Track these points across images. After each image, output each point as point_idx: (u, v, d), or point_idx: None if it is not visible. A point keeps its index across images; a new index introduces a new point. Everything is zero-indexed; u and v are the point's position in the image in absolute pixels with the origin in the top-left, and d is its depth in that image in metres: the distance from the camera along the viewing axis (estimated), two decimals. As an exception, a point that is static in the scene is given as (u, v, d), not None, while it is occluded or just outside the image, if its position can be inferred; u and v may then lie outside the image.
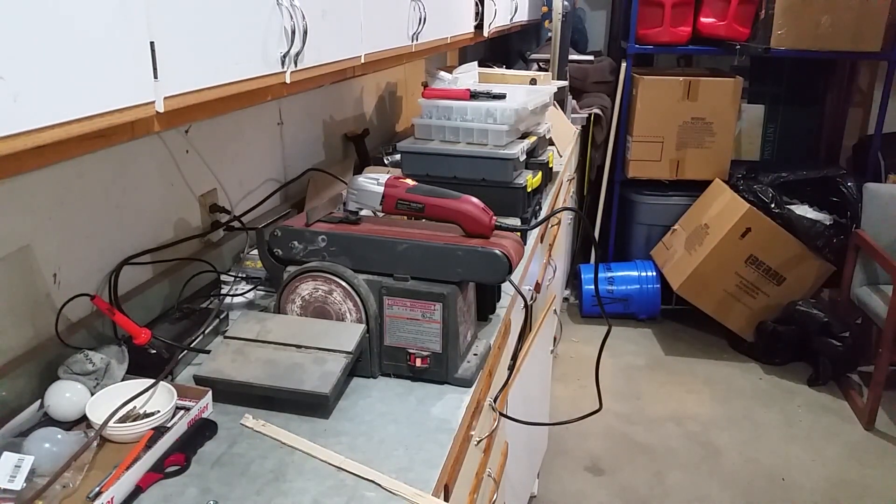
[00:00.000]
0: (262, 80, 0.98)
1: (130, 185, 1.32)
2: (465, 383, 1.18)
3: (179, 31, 0.80)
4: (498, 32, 2.69)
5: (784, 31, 3.32)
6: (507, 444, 1.74)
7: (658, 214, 3.75)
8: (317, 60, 1.12)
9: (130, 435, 1.01)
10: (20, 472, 0.90)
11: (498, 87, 1.98)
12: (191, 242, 1.47)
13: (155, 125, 0.80)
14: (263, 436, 1.05)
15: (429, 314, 1.17)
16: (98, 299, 1.16)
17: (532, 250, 1.81)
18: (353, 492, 0.94)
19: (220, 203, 1.58)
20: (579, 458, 2.66)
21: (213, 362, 1.13)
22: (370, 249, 1.20)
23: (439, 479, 0.98)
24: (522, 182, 1.73)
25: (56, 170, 1.13)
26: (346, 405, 1.13)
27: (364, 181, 1.27)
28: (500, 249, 1.17)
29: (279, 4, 0.98)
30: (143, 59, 0.75)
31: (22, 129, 0.61)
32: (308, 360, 1.12)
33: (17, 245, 1.08)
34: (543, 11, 3.64)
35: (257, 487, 0.94)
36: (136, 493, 0.92)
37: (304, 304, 1.22)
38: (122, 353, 1.15)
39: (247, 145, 1.70)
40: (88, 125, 0.69)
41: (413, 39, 1.62)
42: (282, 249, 1.25)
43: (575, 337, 3.54)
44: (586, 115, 3.56)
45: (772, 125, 4.03)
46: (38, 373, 1.09)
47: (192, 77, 0.83)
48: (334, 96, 2.17)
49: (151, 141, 1.36)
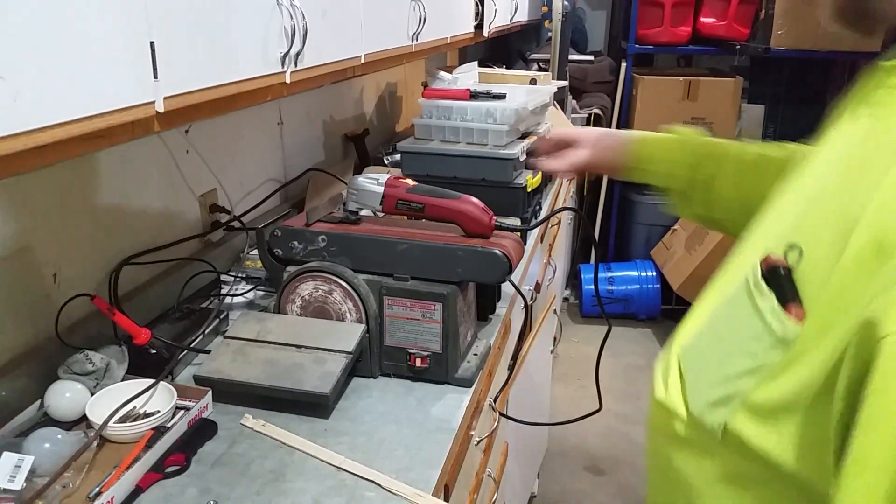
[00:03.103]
0: (262, 80, 0.98)
1: (130, 185, 1.32)
2: (465, 383, 1.18)
3: (179, 30, 0.80)
4: (498, 32, 2.69)
5: (784, 31, 3.33)
6: (507, 444, 1.74)
7: (658, 214, 3.75)
8: (317, 60, 1.12)
9: (130, 435, 1.01)
10: (20, 472, 0.90)
11: (498, 87, 1.98)
12: (191, 242, 1.47)
13: (155, 125, 0.80)
14: (263, 436, 1.05)
15: (429, 314, 1.17)
16: (98, 299, 1.16)
17: (532, 250, 1.81)
18: (353, 492, 0.94)
19: (220, 203, 1.58)
20: (579, 458, 2.66)
21: (213, 362, 1.13)
22: (370, 249, 1.20)
23: (439, 479, 0.98)
24: (522, 182, 1.73)
25: (56, 170, 1.13)
26: (346, 405, 1.13)
27: (364, 181, 1.26)
28: (500, 249, 1.17)
29: (279, 4, 0.98)
30: (143, 59, 0.75)
31: (22, 129, 0.61)
32: (308, 360, 1.12)
33: (17, 245, 1.08)
34: (543, 11, 3.64)
35: (257, 487, 0.94)
36: (136, 493, 0.92)
37: (304, 304, 1.22)
38: (122, 353, 1.15)
39: (247, 145, 1.70)
40: (88, 125, 0.69)
41: (413, 39, 1.62)
42: (282, 249, 1.25)
43: (575, 337, 3.54)
44: (586, 115, 3.56)
45: (772, 125, 4.03)
46: (38, 373, 1.09)
47: (192, 77, 0.83)
48: (334, 96, 2.17)
49: (151, 141, 1.36)
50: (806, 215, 0.64)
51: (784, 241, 0.62)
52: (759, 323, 0.62)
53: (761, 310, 0.62)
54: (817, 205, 0.63)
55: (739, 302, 0.66)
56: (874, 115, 0.64)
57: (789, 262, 0.60)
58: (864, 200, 0.55)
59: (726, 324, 0.69)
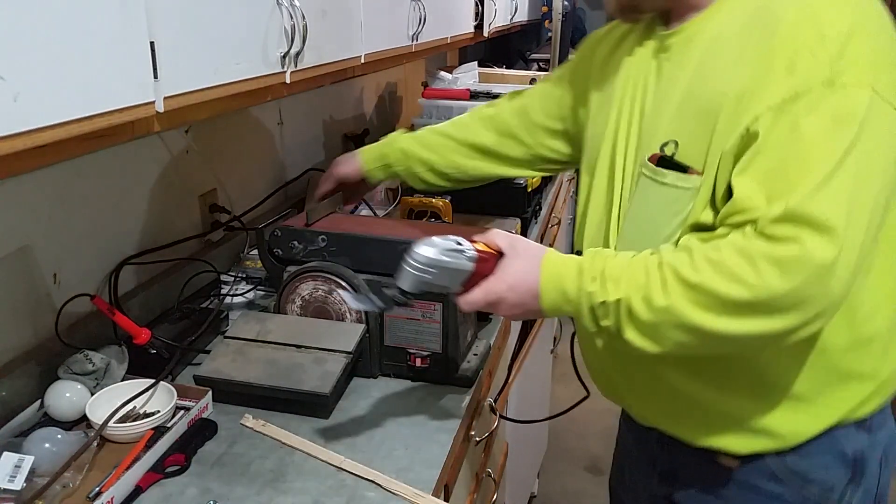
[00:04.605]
0: (262, 80, 0.98)
1: (130, 184, 1.32)
2: (465, 383, 1.18)
3: (179, 30, 0.80)
4: (498, 32, 2.69)
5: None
6: (507, 444, 1.74)
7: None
8: (317, 60, 1.12)
9: (130, 435, 1.01)
10: (20, 472, 0.90)
11: (498, 87, 1.99)
12: (191, 242, 1.46)
13: (155, 125, 0.80)
14: (263, 436, 1.05)
15: (429, 314, 1.17)
16: (98, 299, 1.16)
17: (532, 250, 1.80)
18: (353, 492, 0.94)
19: (220, 203, 1.58)
20: (579, 458, 2.66)
21: (213, 362, 1.13)
22: (370, 249, 1.20)
23: (439, 479, 0.98)
24: (522, 182, 1.73)
25: (56, 170, 1.13)
26: (346, 405, 1.13)
27: (444, 254, 0.90)
28: (500, 249, 1.17)
29: (279, 4, 0.98)
30: (143, 59, 0.75)
31: (22, 129, 0.61)
32: (308, 360, 1.12)
33: (17, 245, 1.08)
34: (543, 11, 3.65)
35: (257, 487, 0.94)
36: (136, 493, 0.92)
37: (304, 304, 1.22)
38: (122, 353, 1.15)
39: (247, 145, 1.70)
40: (88, 125, 0.69)
41: (413, 39, 1.62)
42: (282, 249, 1.25)
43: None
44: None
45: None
46: (38, 373, 1.09)
47: (192, 77, 0.83)
48: (334, 96, 2.17)
49: (151, 141, 1.36)
50: (669, 119, 0.91)
51: (655, 142, 0.91)
52: (671, 190, 0.89)
53: (667, 183, 0.89)
54: (670, 113, 0.91)
55: (644, 190, 0.92)
56: (661, 60, 0.95)
57: (667, 153, 0.89)
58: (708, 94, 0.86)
59: (641, 208, 0.93)
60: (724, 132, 0.84)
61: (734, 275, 0.78)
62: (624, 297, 0.84)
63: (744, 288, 0.78)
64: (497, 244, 0.93)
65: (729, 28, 0.88)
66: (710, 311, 0.80)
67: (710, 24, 0.90)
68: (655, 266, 0.84)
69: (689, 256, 0.82)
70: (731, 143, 0.83)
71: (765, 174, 0.80)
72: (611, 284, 0.85)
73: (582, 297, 0.87)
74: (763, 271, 0.77)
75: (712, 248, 0.81)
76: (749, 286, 0.78)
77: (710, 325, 0.81)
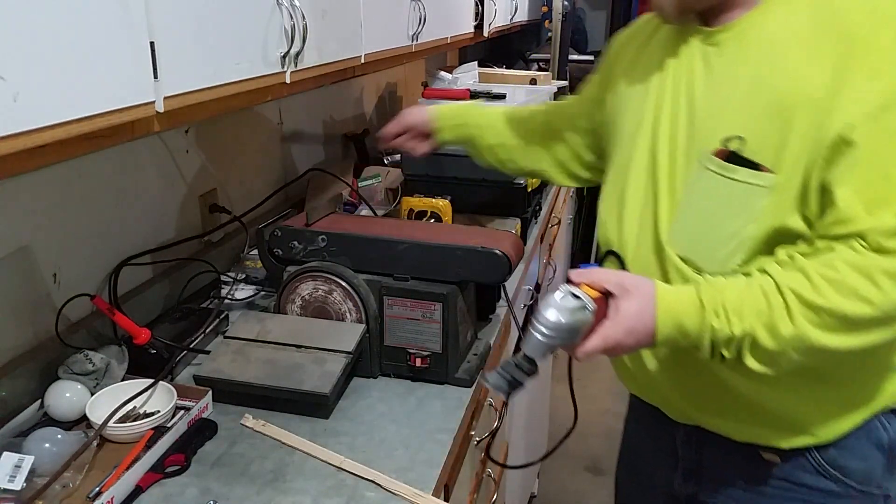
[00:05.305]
0: (262, 80, 0.98)
1: (130, 185, 1.32)
2: (465, 383, 1.18)
3: (179, 31, 0.80)
4: (498, 32, 2.69)
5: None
6: (507, 444, 1.74)
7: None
8: (317, 60, 1.12)
9: (130, 435, 1.01)
10: (20, 472, 0.90)
11: (498, 86, 1.99)
12: (191, 242, 1.46)
13: (155, 125, 0.80)
14: (263, 436, 1.05)
15: (429, 314, 1.17)
16: (98, 299, 1.16)
17: (532, 250, 1.81)
18: (353, 492, 0.94)
19: (220, 203, 1.58)
20: (579, 458, 2.66)
21: (213, 362, 1.13)
22: (370, 249, 1.20)
23: (439, 479, 0.98)
24: (523, 182, 1.72)
25: (56, 170, 1.13)
26: (346, 405, 1.13)
27: (572, 314, 0.85)
28: (500, 249, 1.17)
29: (279, 4, 0.98)
30: (143, 59, 0.75)
31: (22, 129, 0.61)
32: (308, 360, 1.12)
33: (17, 245, 1.08)
34: (543, 11, 3.64)
35: (257, 487, 0.94)
36: (136, 493, 0.92)
37: (304, 304, 1.22)
38: (122, 353, 1.15)
39: (247, 145, 1.70)
40: (88, 125, 0.69)
41: (413, 39, 1.62)
42: (282, 249, 1.25)
43: (575, 337, 3.54)
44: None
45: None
46: (38, 373, 1.09)
47: (192, 77, 0.83)
48: (334, 96, 2.17)
49: (151, 141, 1.36)
50: (731, 114, 0.89)
51: (714, 136, 0.89)
52: (741, 186, 0.87)
53: (738, 179, 0.87)
54: (732, 108, 0.89)
55: (707, 184, 0.90)
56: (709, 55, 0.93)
57: (733, 148, 0.88)
58: (780, 92, 0.85)
59: (703, 203, 0.91)
60: (807, 134, 0.83)
61: (857, 293, 0.80)
62: (749, 330, 0.84)
63: (868, 306, 0.80)
64: (603, 286, 0.89)
65: (791, 26, 0.87)
66: (835, 331, 0.82)
67: (767, 21, 0.89)
68: (774, 290, 0.83)
69: (806, 278, 0.82)
70: (820, 148, 0.82)
71: (865, 184, 0.80)
72: (735, 318, 0.84)
73: (704, 332, 0.86)
74: (884, 286, 0.80)
75: (828, 267, 0.82)
76: (873, 303, 0.80)
77: (835, 345, 0.83)
